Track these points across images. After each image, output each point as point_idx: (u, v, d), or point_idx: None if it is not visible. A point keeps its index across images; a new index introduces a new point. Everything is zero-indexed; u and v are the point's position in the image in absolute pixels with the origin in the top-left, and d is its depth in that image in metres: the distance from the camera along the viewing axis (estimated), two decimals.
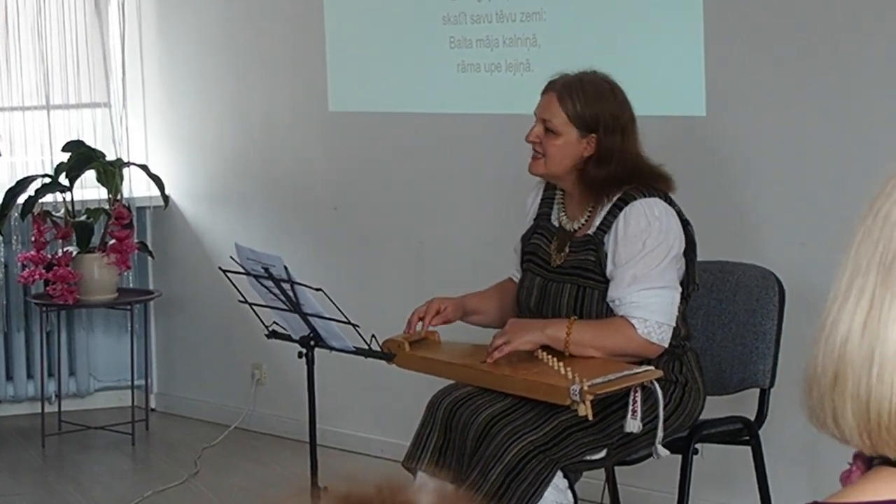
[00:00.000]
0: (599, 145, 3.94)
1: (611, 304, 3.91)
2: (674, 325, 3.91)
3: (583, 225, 4.02)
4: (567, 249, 4.01)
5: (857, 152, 4.54)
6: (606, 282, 3.93)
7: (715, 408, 4.19)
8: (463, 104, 5.56)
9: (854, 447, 1.37)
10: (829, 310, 1.37)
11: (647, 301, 3.86)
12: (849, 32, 4.56)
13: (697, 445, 4.11)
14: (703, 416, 4.08)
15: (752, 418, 4.22)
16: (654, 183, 3.96)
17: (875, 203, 1.37)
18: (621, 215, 3.92)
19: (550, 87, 4.03)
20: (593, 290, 3.95)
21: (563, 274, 4.00)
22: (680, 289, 3.94)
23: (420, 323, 4.14)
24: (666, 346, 3.90)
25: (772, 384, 4.21)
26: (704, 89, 4.85)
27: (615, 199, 3.94)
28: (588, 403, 3.62)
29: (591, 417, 3.65)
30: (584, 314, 3.95)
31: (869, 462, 1.40)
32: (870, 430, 1.34)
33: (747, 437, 4.20)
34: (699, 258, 4.07)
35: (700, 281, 4.10)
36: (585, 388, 3.63)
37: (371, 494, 1.20)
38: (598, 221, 3.96)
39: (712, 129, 4.88)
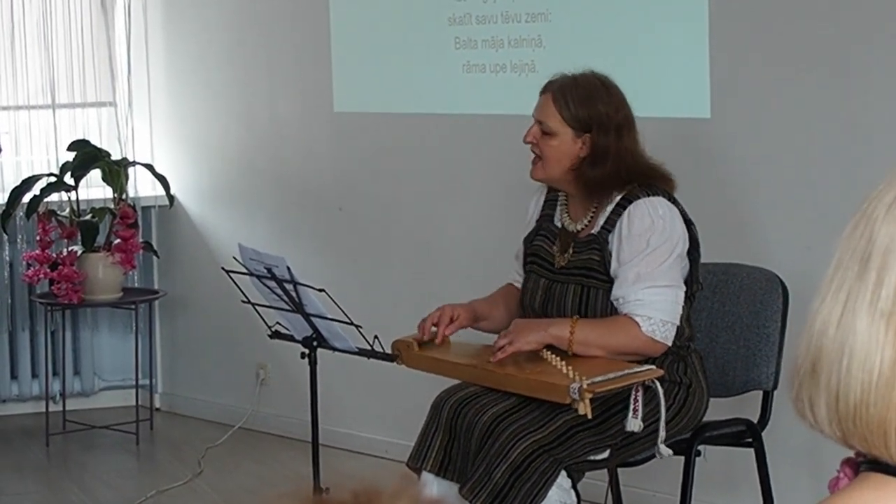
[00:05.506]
0: (594, 145, 3.95)
1: (615, 302, 3.92)
2: (678, 323, 3.91)
3: (586, 225, 4.02)
4: (571, 250, 4.02)
5: (862, 155, 4.53)
6: (611, 281, 3.93)
7: (718, 410, 4.19)
8: (468, 105, 5.56)
9: (827, 437, 1.40)
10: (814, 303, 1.40)
11: (651, 299, 3.87)
12: (854, 35, 4.55)
13: (700, 447, 4.11)
14: (706, 418, 4.08)
15: (756, 420, 4.22)
16: (655, 182, 3.97)
17: (866, 202, 1.39)
18: (625, 214, 3.92)
19: (547, 88, 4.05)
20: (598, 290, 3.95)
21: (568, 275, 4.01)
22: (684, 287, 3.94)
23: (434, 328, 4.11)
24: (670, 344, 3.91)
25: (775, 387, 4.21)
26: (709, 91, 4.85)
27: (618, 198, 3.95)
28: (587, 402, 3.62)
29: (589, 415, 3.66)
30: (588, 314, 3.95)
31: (856, 468, 1.40)
32: (839, 420, 1.36)
33: (750, 440, 4.20)
34: (703, 259, 4.07)
35: (704, 282, 4.10)
36: (585, 386, 3.63)
37: (348, 501, 1.20)
38: (601, 221, 3.97)
39: (717, 131, 4.88)
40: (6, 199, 6.17)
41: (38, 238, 6.17)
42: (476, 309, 4.19)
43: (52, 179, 6.18)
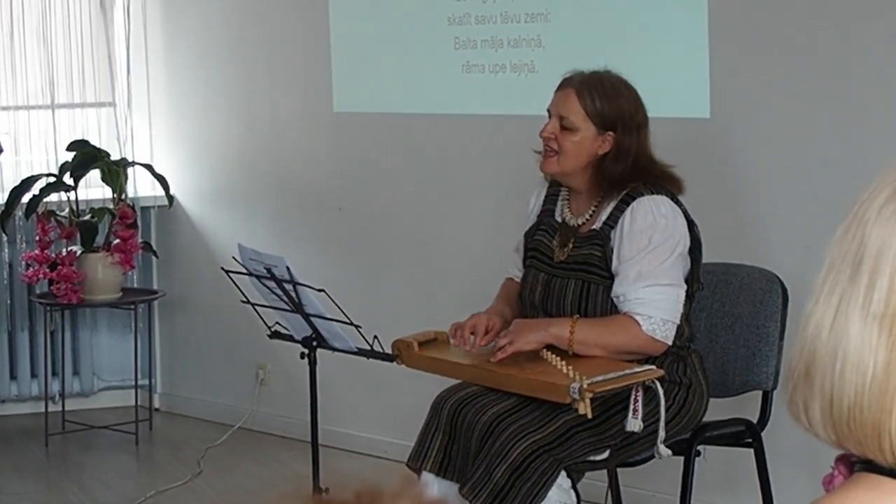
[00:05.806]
0: (617, 143, 3.94)
1: (615, 299, 3.92)
2: (678, 322, 3.91)
3: (587, 220, 4.02)
4: (571, 245, 4.01)
5: (862, 155, 4.53)
6: (611, 277, 3.93)
7: (718, 410, 4.19)
8: (467, 105, 5.55)
9: (822, 440, 1.40)
10: (807, 306, 1.40)
11: (652, 298, 3.87)
12: (854, 34, 4.55)
13: (700, 447, 4.11)
14: (705, 418, 4.08)
15: (755, 420, 4.22)
16: (664, 183, 3.97)
17: (857, 204, 1.39)
18: (628, 210, 3.92)
19: (567, 84, 4.02)
20: (598, 286, 3.95)
21: (568, 269, 4.01)
22: (685, 286, 3.94)
23: (472, 337, 4.06)
24: (670, 343, 3.91)
25: (775, 386, 4.21)
26: (709, 91, 4.85)
27: (622, 195, 3.94)
28: (587, 402, 3.62)
29: (590, 415, 3.66)
30: (588, 309, 3.95)
31: (851, 466, 1.40)
32: (833, 423, 1.36)
33: (750, 440, 4.20)
34: (703, 259, 4.07)
35: (704, 282, 4.10)
36: (585, 386, 3.64)
37: (350, 501, 1.20)
38: (604, 217, 3.96)
39: (717, 131, 4.88)
40: (6, 199, 6.17)
41: (37, 238, 6.16)
42: (505, 315, 4.17)
43: (52, 179, 6.18)
